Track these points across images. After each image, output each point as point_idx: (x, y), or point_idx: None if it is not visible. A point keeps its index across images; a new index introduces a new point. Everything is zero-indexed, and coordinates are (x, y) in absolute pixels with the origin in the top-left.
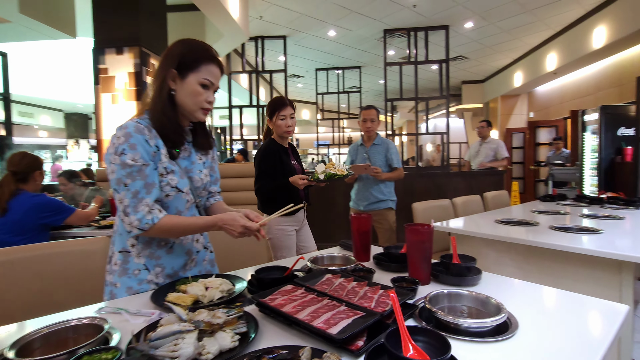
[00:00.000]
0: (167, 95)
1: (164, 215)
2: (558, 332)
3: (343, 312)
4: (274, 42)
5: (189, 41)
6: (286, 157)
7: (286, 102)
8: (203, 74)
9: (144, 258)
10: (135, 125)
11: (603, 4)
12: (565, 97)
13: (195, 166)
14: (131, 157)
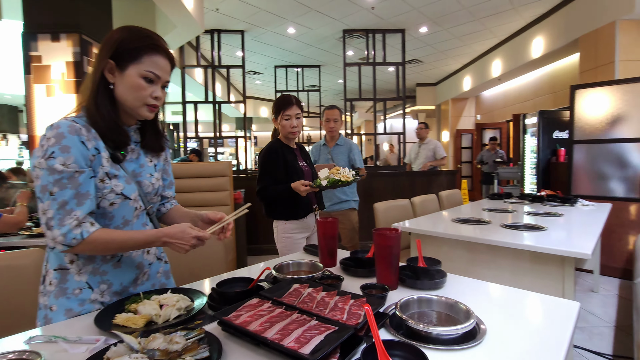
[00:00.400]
0: (104, 90)
1: (96, 229)
2: (522, 334)
3: (314, 327)
4: (231, 36)
5: (129, 28)
6: (292, 157)
7: (292, 101)
8: (145, 65)
9: (86, 275)
10: (69, 124)
11: (540, 17)
12: (508, 101)
13: (144, 169)
14: (62, 162)
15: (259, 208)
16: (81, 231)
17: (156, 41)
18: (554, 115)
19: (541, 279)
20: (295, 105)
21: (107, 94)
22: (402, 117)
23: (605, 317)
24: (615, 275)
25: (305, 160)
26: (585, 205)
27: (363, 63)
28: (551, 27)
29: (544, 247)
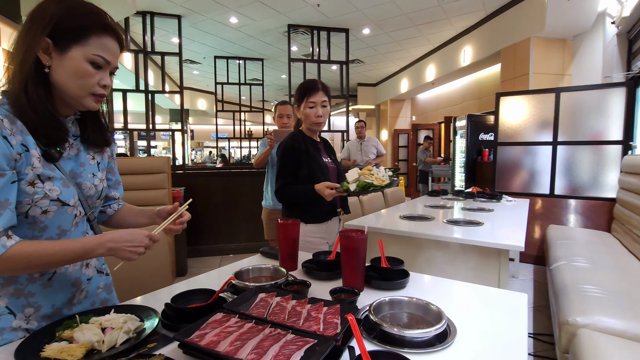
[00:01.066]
0: (36, 73)
1: (15, 242)
2: (486, 329)
3: (292, 342)
4: (166, 21)
5: (68, 2)
6: (315, 151)
7: (318, 86)
8: (93, 47)
9: (6, 298)
10: None
11: (469, 28)
12: (440, 104)
13: (85, 169)
14: None
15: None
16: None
17: (106, 19)
18: (480, 119)
19: (480, 270)
20: (321, 91)
21: (40, 79)
22: (344, 115)
23: None
24: (530, 262)
25: (330, 155)
26: (509, 200)
27: (308, 60)
28: (478, 39)
29: (487, 242)
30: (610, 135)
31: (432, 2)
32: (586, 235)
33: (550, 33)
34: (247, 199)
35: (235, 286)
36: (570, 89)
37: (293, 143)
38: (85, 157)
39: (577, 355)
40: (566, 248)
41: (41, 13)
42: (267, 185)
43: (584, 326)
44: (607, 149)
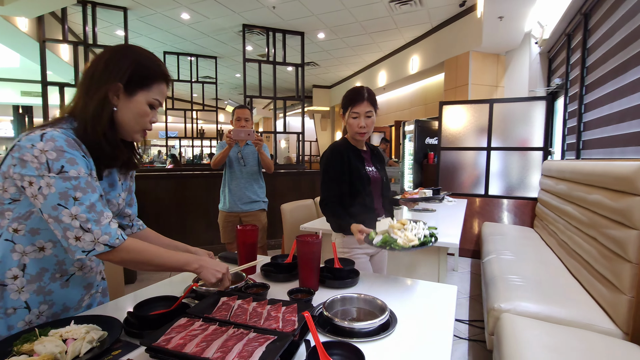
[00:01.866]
0: (107, 111)
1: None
2: (421, 317)
3: (254, 340)
4: (109, 12)
5: (139, 52)
6: (358, 161)
7: (363, 96)
8: (154, 93)
9: (28, 293)
10: (66, 139)
11: (417, 39)
12: (391, 109)
13: (114, 189)
14: (76, 172)
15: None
16: (121, 234)
17: (165, 70)
18: (426, 124)
19: (422, 265)
20: (366, 101)
21: (110, 116)
22: (300, 116)
23: (463, 291)
24: (468, 256)
25: (377, 164)
26: (450, 201)
27: (263, 60)
28: (425, 49)
29: None
30: (533, 143)
31: (383, 12)
32: (513, 231)
33: (486, 48)
34: (200, 201)
35: (196, 292)
36: (501, 101)
37: (335, 154)
38: (116, 178)
39: (499, 336)
40: (496, 243)
41: (118, 63)
42: (225, 188)
43: (507, 311)
44: (531, 155)
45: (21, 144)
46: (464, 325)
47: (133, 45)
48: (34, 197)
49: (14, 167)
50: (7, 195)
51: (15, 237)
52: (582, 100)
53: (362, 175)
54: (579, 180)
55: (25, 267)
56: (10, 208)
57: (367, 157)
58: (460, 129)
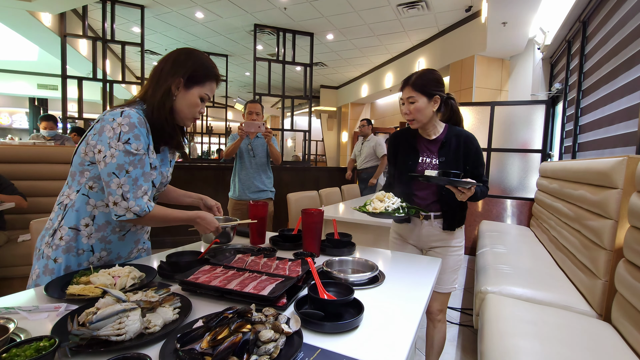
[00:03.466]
0: (170, 99)
1: (154, 206)
2: (407, 278)
3: (266, 280)
4: (127, 10)
5: (199, 55)
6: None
7: (407, 81)
8: (206, 89)
9: (94, 239)
10: (138, 117)
11: (423, 42)
12: (397, 110)
13: (164, 164)
14: (135, 147)
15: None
16: (149, 205)
17: (217, 72)
18: None
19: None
20: (409, 86)
21: (170, 103)
22: (307, 115)
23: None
24: (466, 253)
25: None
26: None
27: (273, 60)
28: (431, 52)
29: None
30: (533, 145)
31: (391, 15)
32: (509, 229)
33: (490, 52)
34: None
35: (215, 253)
36: (503, 104)
37: (391, 139)
38: (167, 155)
39: (484, 314)
40: (492, 238)
41: (181, 62)
42: (235, 177)
43: (493, 293)
44: (531, 157)
45: (104, 118)
46: (456, 312)
47: (196, 49)
48: (98, 162)
49: (93, 135)
50: (87, 158)
51: (90, 192)
52: (578, 104)
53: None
54: (568, 178)
55: (95, 217)
56: (89, 169)
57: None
58: None
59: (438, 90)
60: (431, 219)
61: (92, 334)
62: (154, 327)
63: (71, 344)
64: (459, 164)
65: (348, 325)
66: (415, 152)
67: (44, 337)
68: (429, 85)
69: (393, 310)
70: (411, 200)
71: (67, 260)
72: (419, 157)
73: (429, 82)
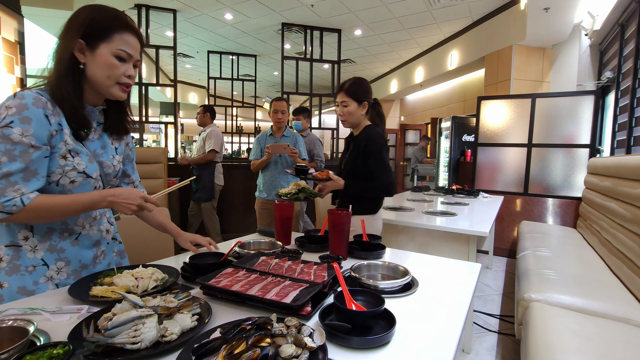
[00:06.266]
0: (72, 70)
1: (36, 195)
2: (444, 285)
3: (289, 286)
4: (161, 14)
5: (97, 7)
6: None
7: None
8: (117, 43)
9: (42, 252)
10: (35, 96)
11: (456, 34)
12: (427, 106)
13: (106, 151)
14: (20, 132)
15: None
16: (20, 198)
17: (125, 19)
18: (464, 121)
19: (452, 255)
20: (343, 91)
21: (75, 75)
22: (335, 114)
23: (496, 288)
24: (504, 255)
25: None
26: (485, 197)
27: (301, 58)
28: (464, 44)
29: (455, 228)
30: (580, 140)
31: (422, 7)
32: (553, 230)
33: (530, 41)
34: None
35: (239, 254)
36: (545, 95)
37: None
38: (107, 141)
39: (527, 324)
40: (533, 240)
41: (75, 20)
42: (261, 177)
43: (537, 301)
44: (577, 152)
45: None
46: (494, 319)
47: (93, 4)
48: None
49: None
50: None
51: None
52: (634, 94)
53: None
54: (624, 175)
55: (32, 228)
56: None
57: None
58: (499, 125)
59: (367, 97)
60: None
61: (107, 341)
62: (170, 336)
63: (86, 351)
64: (352, 159)
65: (378, 340)
66: (346, 148)
67: (59, 344)
68: (359, 92)
69: (429, 322)
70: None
71: (17, 282)
72: (346, 152)
73: (359, 89)
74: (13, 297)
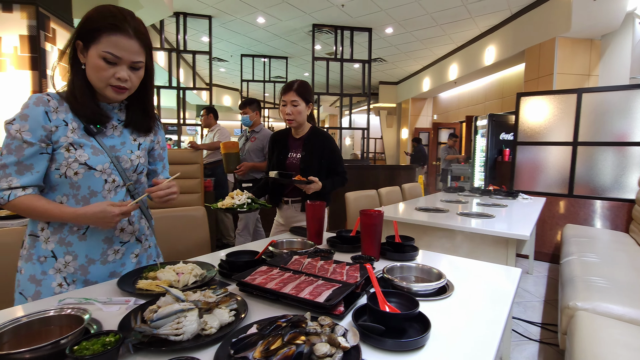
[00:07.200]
0: (74, 70)
1: (24, 194)
2: (481, 289)
3: (322, 285)
4: (197, 21)
5: (99, 7)
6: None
7: (291, 86)
8: (103, 45)
9: (52, 244)
10: (39, 96)
11: (493, 28)
12: (462, 103)
13: (125, 147)
14: (16, 128)
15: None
16: (9, 194)
17: (116, 20)
18: (502, 119)
19: (489, 259)
20: (293, 91)
21: (79, 75)
22: (366, 113)
23: (537, 294)
24: (545, 260)
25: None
26: (525, 198)
27: (331, 58)
28: (502, 38)
29: (493, 231)
30: (633, 137)
31: (456, 2)
32: (601, 234)
33: (576, 33)
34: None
35: (272, 253)
36: (592, 90)
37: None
38: (128, 137)
39: (573, 334)
40: (579, 245)
41: (80, 22)
42: None
43: (584, 309)
44: (629, 150)
45: None
46: (535, 327)
47: (101, 5)
48: None
49: None
50: None
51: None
52: None
53: (281, 160)
54: None
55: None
56: None
57: (296, 145)
58: (540, 123)
59: (312, 99)
60: (289, 203)
61: (153, 332)
62: (210, 329)
63: (134, 340)
64: (316, 158)
65: (413, 343)
66: (286, 149)
67: (110, 332)
68: (307, 93)
69: (465, 327)
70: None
71: (30, 270)
72: (288, 153)
73: (306, 91)
74: (25, 284)
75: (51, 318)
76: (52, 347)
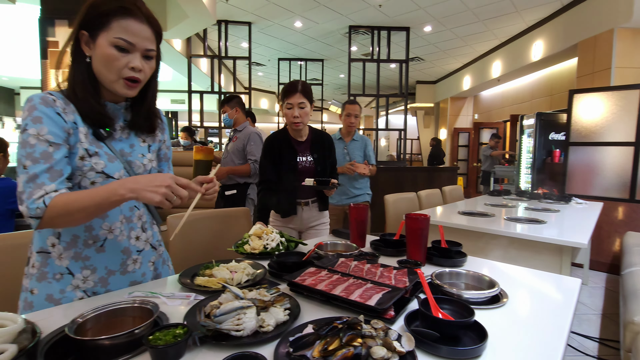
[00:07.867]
0: (80, 65)
1: (57, 194)
2: (537, 300)
3: (371, 289)
4: (237, 27)
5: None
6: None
7: (296, 87)
8: (114, 31)
9: (67, 260)
10: (42, 96)
11: (541, 21)
12: (506, 102)
13: (135, 150)
14: (35, 132)
15: None
16: (43, 199)
17: (125, 3)
18: (551, 118)
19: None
20: (299, 92)
21: (84, 69)
22: (402, 113)
23: (593, 306)
24: (602, 270)
25: (315, 153)
26: (579, 203)
27: (367, 59)
28: (551, 32)
29: (545, 238)
30: None
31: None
32: None
33: (638, 22)
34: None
35: (319, 255)
36: None
37: (267, 143)
38: (136, 140)
39: (639, 352)
40: None
41: (81, 9)
42: None
43: None
44: None
45: None
46: (592, 342)
47: None
48: None
49: None
50: None
51: None
52: None
53: (293, 165)
54: None
55: (60, 235)
56: None
57: (303, 148)
58: (596, 122)
59: (313, 98)
60: (309, 204)
61: (216, 326)
62: (267, 327)
63: (199, 333)
64: (326, 160)
65: (470, 352)
66: (294, 152)
67: (179, 325)
68: (310, 93)
69: (523, 339)
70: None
71: (46, 289)
72: (297, 156)
73: (310, 90)
74: (42, 305)
75: (125, 309)
76: (127, 336)
